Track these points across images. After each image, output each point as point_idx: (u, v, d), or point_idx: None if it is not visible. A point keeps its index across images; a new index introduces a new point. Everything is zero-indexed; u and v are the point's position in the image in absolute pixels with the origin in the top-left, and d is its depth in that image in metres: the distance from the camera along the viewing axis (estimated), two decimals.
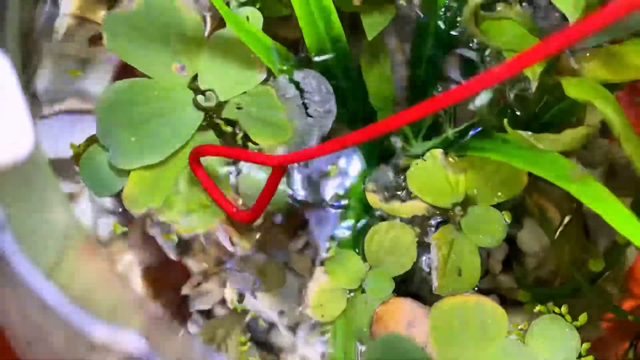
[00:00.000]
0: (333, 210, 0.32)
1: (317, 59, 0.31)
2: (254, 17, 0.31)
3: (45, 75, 0.33)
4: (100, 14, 0.33)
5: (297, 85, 0.31)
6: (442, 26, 0.32)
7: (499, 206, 0.30)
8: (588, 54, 0.28)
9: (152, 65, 0.31)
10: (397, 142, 0.33)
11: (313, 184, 0.32)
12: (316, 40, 0.30)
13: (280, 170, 0.25)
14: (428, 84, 0.33)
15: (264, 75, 0.31)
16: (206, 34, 0.32)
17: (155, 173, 0.30)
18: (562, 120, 0.30)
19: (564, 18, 0.29)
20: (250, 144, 0.31)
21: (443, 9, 0.32)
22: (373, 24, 0.32)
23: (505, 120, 0.27)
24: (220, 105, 0.31)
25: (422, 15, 0.32)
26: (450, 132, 0.32)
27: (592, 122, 0.26)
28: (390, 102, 0.33)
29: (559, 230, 0.31)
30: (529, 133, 0.26)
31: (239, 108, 0.31)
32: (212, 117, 0.31)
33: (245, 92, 0.31)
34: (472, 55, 0.32)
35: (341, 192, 0.32)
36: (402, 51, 0.34)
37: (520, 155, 0.27)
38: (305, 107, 0.31)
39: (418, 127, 0.33)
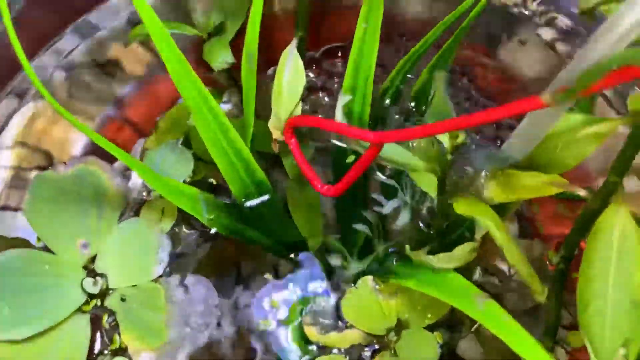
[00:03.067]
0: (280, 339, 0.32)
1: (246, 204, 0.32)
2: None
3: None
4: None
5: (186, 289, 0.31)
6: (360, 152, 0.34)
7: (433, 325, 0.31)
8: (489, 179, 0.30)
9: (58, 236, 0.31)
10: (337, 260, 0.34)
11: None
12: (241, 188, 0.32)
13: (377, 148, 0.24)
14: (355, 206, 0.35)
15: (159, 272, 0.32)
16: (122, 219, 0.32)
17: (16, 349, 0.29)
18: (469, 237, 0.31)
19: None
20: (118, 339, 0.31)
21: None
22: (293, 164, 0.34)
23: (407, 247, 0.28)
24: (107, 291, 0.31)
25: (339, 145, 0.34)
26: (380, 250, 0.33)
27: (478, 237, 0.27)
28: (319, 229, 0.34)
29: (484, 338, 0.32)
30: (431, 257, 0.27)
31: (123, 300, 0.31)
32: (95, 302, 0.31)
33: (135, 285, 0.32)
34: (389, 180, 0.33)
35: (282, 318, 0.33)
36: (325, 179, 0.36)
37: (430, 280, 0.27)
38: (187, 316, 0.31)
39: (353, 245, 0.34)
